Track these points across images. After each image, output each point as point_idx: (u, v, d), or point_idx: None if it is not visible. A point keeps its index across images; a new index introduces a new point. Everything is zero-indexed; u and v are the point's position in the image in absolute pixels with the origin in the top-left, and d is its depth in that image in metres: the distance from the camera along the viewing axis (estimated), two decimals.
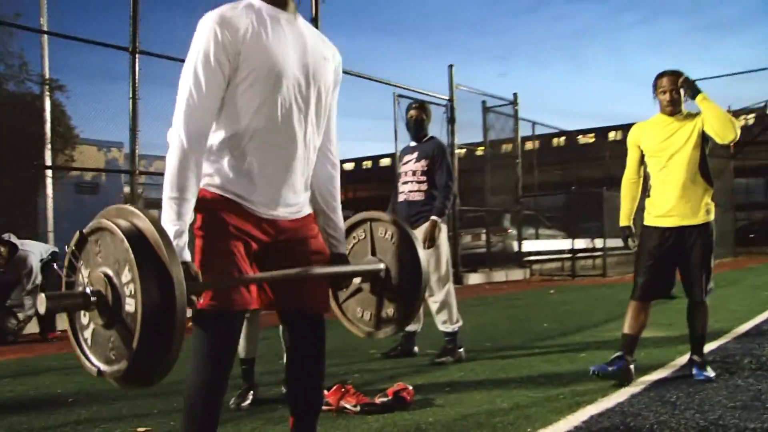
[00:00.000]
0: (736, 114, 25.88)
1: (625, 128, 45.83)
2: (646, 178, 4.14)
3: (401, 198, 4.94)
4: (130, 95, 7.95)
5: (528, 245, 16.56)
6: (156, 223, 1.71)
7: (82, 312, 1.82)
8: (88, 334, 1.83)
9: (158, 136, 8.48)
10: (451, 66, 13.77)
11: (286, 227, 2.07)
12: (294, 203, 2.09)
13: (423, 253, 2.43)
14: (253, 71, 1.91)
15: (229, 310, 1.93)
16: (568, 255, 17.08)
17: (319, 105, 2.10)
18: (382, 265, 2.42)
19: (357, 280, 2.46)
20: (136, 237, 1.69)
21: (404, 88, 12.55)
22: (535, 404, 3.44)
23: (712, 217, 3.99)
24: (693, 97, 3.84)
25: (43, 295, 1.70)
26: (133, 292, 1.65)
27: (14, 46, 10.50)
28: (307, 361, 2.17)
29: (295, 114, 2.01)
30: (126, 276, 1.68)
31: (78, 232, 1.84)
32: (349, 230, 2.56)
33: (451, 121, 13.65)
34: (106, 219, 1.76)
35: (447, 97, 13.58)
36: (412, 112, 5.05)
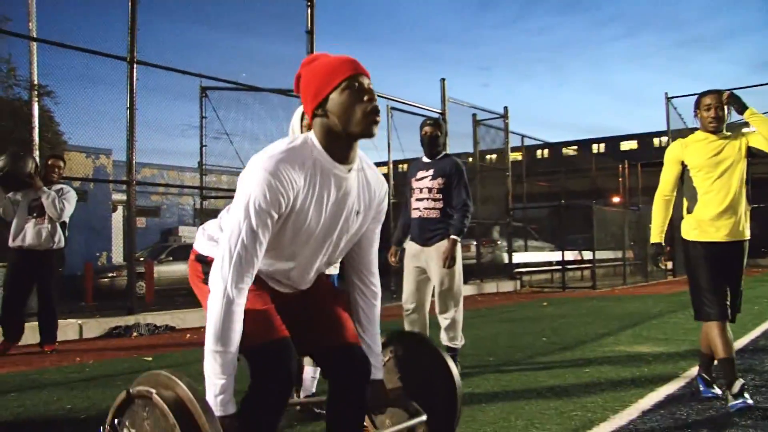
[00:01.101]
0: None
1: (608, 141, 46.20)
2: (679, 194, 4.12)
3: (415, 214, 4.94)
4: (128, 105, 7.93)
5: (517, 257, 16.62)
6: (197, 395, 1.77)
7: None
8: None
9: (147, 143, 8.48)
10: (443, 80, 13.86)
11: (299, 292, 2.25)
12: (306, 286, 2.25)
13: (457, 374, 2.45)
14: (293, 223, 1.97)
15: (272, 338, 1.97)
16: (558, 267, 17.16)
17: (347, 243, 2.20)
18: (423, 418, 2.41)
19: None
20: (180, 410, 1.75)
21: (397, 101, 12.63)
22: (549, 421, 3.45)
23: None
24: (741, 112, 3.80)
25: None
26: None
27: (2, 51, 10.40)
28: (350, 394, 2.19)
29: (313, 261, 2.14)
30: None
31: (125, 393, 1.90)
32: (384, 345, 2.55)
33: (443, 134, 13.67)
34: (153, 389, 1.81)
35: (439, 111, 13.64)
36: (427, 129, 5.00)
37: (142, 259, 14.39)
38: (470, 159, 15.76)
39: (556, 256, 18.03)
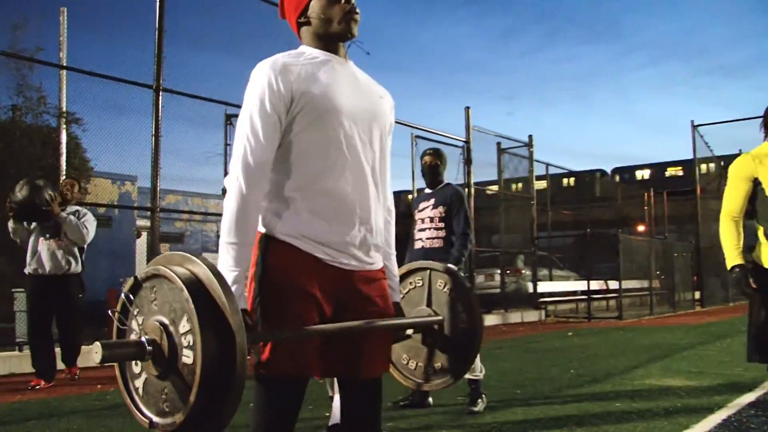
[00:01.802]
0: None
1: (631, 170, 45.80)
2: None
3: (418, 245, 4.83)
4: (153, 132, 7.97)
5: (542, 286, 16.43)
6: (215, 270, 1.66)
7: (134, 361, 1.75)
8: (139, 383, 1.77)
9: (171, 170, 8.51)
10: (467, 108, 13.85)
11: (361, 280, 1.98)
12: (373, 244, 2.01)
13: (479, 309, 2.39)
14: (312, 112, 1.88)
15: (294, 375, 1.86)
16: (583, 296, 16.93)
17: (382, 142, 2.06)
18: (439, 317, 2.36)
19: (410, 331, 2.40)
20: (195, 285, 1.63)
21: (422, 129, 12.61)
22: None
23: None
24: None
25: (98, 343, 1.63)
26: (191, 344, 1.59)
27: (33, 79, 10.55)
28: (363, 425, 2.05)
29: (360, 150, 1.96)
30: (184, 326, 1.61)
31: (133, 278, 1.80)
32: (405, 276, 2.52)
33: (467, 162, 13.65)
34: (163, 266, 1.70)
35: (464, 139, 13.60)
36: (427, 158, 4.98)
37: None
38: (495, 187, 15.70)
39: (581, 285, 17.81)
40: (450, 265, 2.53)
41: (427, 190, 4.98)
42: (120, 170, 11.45)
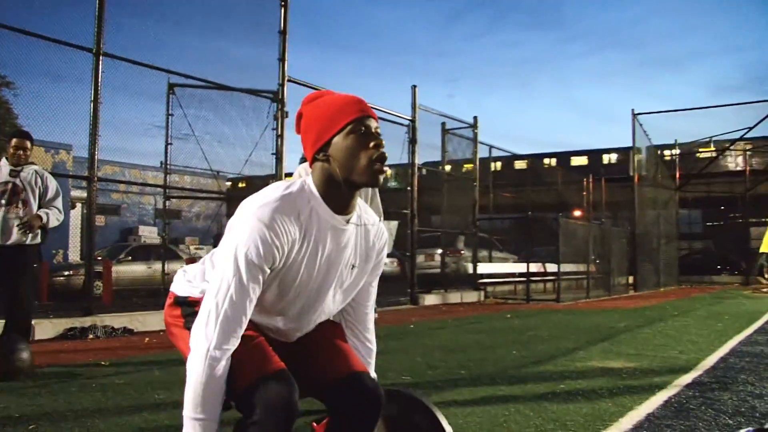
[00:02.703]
0: (683, 148, 26.62)
1: (560, 156, 46.66)
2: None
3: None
4: (92, 98, 7.65)
5: (482, 267, 16.59)
6: None
7: None
8: None
9: (110, 140, 8.21)
10: (414, 87, 13.76)
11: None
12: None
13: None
14: (274, 281, 1.79)
15: (268, 370, 1.77)
16: (522, 279, 17.19)
17: (343, 298, 2.00)
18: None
19: None
20: None
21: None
22: None
23: None
24: None
25: None
26: None
27: None
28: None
29: (307, 317, 1.94)
30: None
31: None
32: None
33: (412, 141, 13.60)
34: None
35: (410, 117, 13.53)
36: None
37: (100, 258, 13.99)
38: (439, 168, 15.72)
39: (520, 267, 18.08)
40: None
41: None
42: (54, 138, 11.02)
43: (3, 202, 5.36)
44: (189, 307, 1.87)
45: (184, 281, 1.98)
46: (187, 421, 1.66)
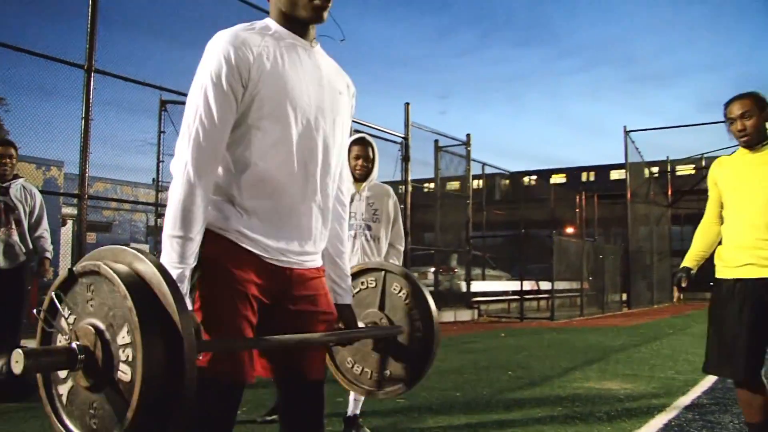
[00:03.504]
0: (675, 163, 26.72)
1: (568, 171, 46.94)
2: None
3: None
4: (83, 115, 7.55)
5: (475, 285, 16.51)
6: (165, 273, 1.44)
7: None
8: (63, 390, 1.53)
9: (101, 157, 8.12)
10: (407, 104, 13.71)
11: (298, 279, 1.85)
12: (311, 251, 1.87)
13: (435, 309, 2.25)
14: (267, 102, 1.70)
15: (232, 382, 1.71)
16: (516, 296, 17.11)
17: (337, 143, 1.90)
18: (399, 328, 2.23)
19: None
20: (140, 292, 1.40)
21: (361, 123, 12.42)
22: None
23: None
24: None
25: (18, 350, 1.38)
26: (130, 359, 1.37)
27: None
28: (305, 428, 1.91)
29: (312, 152, 1.80)
30: (123, 338, 1.39)
31: (68, 270, 1.55)
32: (357, 275, 2.36)
33: (405, 159, 13.55)
34: (103, 263, 1.46)
35: (403, 135, 13.49)
36: None
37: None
38: (432, 185, 15.68)
39: (512, 285, 18.00)
40: (406, 270, 2.38)
41: None
42: (45, 155, 10.91)
43: None
44: None
45: None
46: (165, 240, 1.64)
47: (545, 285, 17.06)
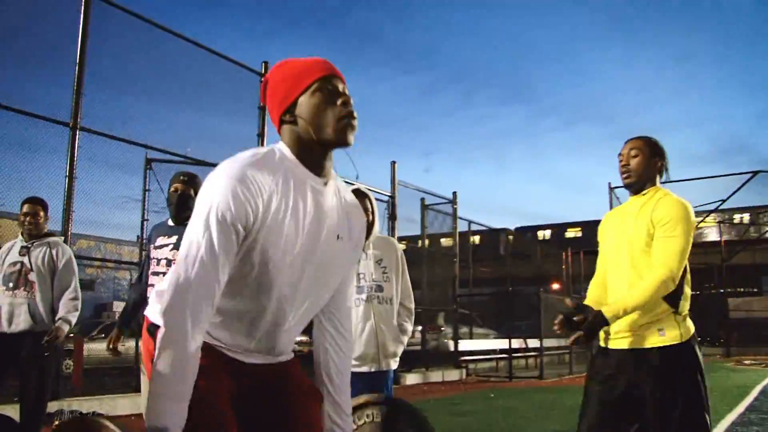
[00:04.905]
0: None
1: (553, 228, 47.14)
2: None
3: (151, 291, 3.68)
4: (67, 173, 7.50)
5: (463, 344, 16.31)
6: None
7: None
8: None
9: (84, 214, 8.00)
10: (393, 162, 13.79)
11: (267, 371, 1.80)
12: (278, 354, 1.84)
13: None
14: (257, 253, 1.62)
15: None
16: (504, 355, 16.91)
17: (330, 285, 1.85)
18: None
19: None
20: None
21: (347, 182, 12.41)
22: None
23: (677, 339, 2.68)
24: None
25: None
26: None
27: None
28: None
29: (290, 299, 1.73)
30: None
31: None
32: (358, 408, 2.27)
33: (392, 217, 13.52)
34: None
35: (389, 193, 13.49)
36: (178, 185, 3.95)
37: (71, 335, 13.55)
38: (418, 243, 15.61)
39: (500, 343, 17.80)
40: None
41: (170, 223, 3.98)
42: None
43: (11, 285, 4.62)
44: None
45: (155, 301, 1.76)
46: (152, 399, 1.48)
47: (533, 342, 16.88)
